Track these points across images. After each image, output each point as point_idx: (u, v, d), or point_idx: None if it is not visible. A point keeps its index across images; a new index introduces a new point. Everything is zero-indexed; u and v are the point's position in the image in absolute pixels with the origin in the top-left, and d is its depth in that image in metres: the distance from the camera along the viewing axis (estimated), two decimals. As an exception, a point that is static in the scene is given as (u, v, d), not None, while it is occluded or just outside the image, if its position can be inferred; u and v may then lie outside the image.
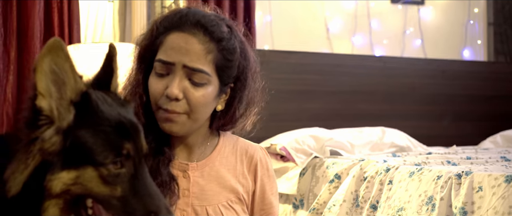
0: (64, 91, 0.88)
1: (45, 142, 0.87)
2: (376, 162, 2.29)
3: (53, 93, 0.88)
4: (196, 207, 1.30)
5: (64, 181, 0.88)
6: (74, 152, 0.88)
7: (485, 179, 1.74)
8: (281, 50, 3.48)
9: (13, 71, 2.71)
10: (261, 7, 3.53)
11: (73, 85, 0.89)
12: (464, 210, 1.74)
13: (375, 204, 2.15)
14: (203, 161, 1.33)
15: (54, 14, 2.81)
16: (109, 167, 0.89)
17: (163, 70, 1.23)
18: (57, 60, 0.86)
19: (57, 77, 0.88)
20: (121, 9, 3.23)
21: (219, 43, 1.24)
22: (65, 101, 0.89)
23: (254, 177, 1.37)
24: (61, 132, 0.88)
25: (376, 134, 3.10)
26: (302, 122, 3.24)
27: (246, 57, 1.31)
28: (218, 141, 1.37)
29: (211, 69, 1.23)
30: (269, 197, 1.39)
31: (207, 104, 1.25)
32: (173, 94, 1.20)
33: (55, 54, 0.86)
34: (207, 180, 1.32)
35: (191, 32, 1.22)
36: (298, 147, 2.71)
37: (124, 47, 2.61)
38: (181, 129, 1.25)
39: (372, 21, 3.92)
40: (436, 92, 3.87)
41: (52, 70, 0.87)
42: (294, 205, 2.63)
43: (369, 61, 3.75)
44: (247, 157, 1.38)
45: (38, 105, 0.87)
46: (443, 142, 3.56)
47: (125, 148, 0.91)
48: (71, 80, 0.88)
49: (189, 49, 1.21)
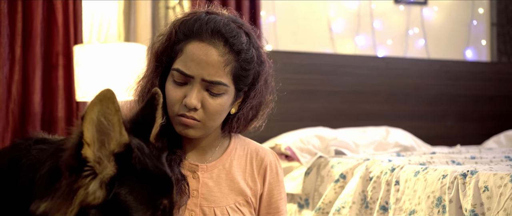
0: (108, 142, 0.87)
1: (89, 195, 0.86)
2: (381, 161, 2.29)
3: (97, 142, 0.87)
4: (204, 208, 1.31)
5: None
6: (116, 207, 0.87)
7: (490, 178, 1.75)
8: (284, 50, 3.49)
9: (18, 71, 2.72)
10: (265, 7, 3.55)
11: (118, 138, 0.87)
12: (474, 212, 1.75)
13: (384, 205, 2.15)
14: (213, 163, 1.35)
15: (58, 14, 2.82)
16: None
17: (181, 79, 1.24)
18: (106, 112, 0.85)
19: (104, 128, 0.86)
20: (126, 9, 3.24)
21: (238, 55, 1.25)
22: (107, 151, 0.87)
23: (263, 180, 1.39)
24: (104, 185, 0.86)
25: (380, 133, 3.11)
26: (305, 122, 3.25)
27: (262, 62, 1.33)
28: (229, 144, 1.39)
29: (228, 79, 1.25)
30: (277, 202, 1.40)
31: (223, 112, 1.28)
32: (192, 104, 1.22)
33: (105, 106, 0.85)
34: (216, 181, 1.34)
35: (211, 41, 1.23)
36: (303, 146, 2.72)
37: (129, 47, 2.62)
38: (196, 134, 1.27)
39: (375, 22, 3.93)
40: (439, 92, 3.88)
41: (100, 121, 0.86)
42: (299, 204, 2.63)
43: (372, 61, 3.76)
44: (257, 160, 1.39)
45: (84, 155, 0.86)
46: (447, 142, 3.57)
47: (163, 204, 0.91)
48: (117, 134, 0.87)
49: (208, 62, 1.22)
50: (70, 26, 2.84)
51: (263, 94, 1.37)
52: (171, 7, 3.32)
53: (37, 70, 2.74)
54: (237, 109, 1.34)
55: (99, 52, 2.53)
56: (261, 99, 1.36)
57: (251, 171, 1.38)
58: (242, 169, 1.38)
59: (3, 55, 2.67)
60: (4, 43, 2.67)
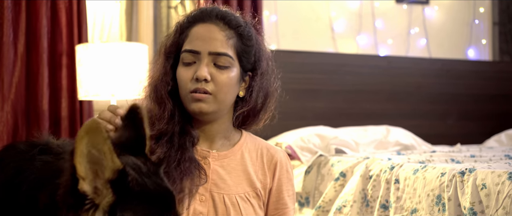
0: (101, 171, 0.86)
1: None
2: (381, 160, 2.30)
3: (91, 174, 0.86)
4: (214, 194, 1.35)
5: None
6: None
7: (488, 176, 1.76)
8: (286, 49, 3.50)
9: (22, 70, 2.74)
10: (267, 7, 3.56)
11: (111, 166, 0.86)
12: (473, 211, 1.76)
13: (385, 203, 2.16)
14: (224, 152, 1.40)
15: (62, 14, 2.84)
16: None
17: (190, 59, 1.35)
18: (95, 142, 0.85)
19: (95, 159, 0.86)
20: (128, 8, 3.26)
21: (237, 29, 1.37)
22: (102, 180, 0.86)
23: (273, 175, 1.43)
24: (106, 214, 0.86)
25: (381, 132, 3.12)
26: (307, 120, 3.26)
27: (261, 49, 1.44)
28: (240, 138, 1.44)
29: (233, 53, 1.36)
30: (285, 198, 1.43)
31: (231, 86, 1.36)
32: (202, 75, 1.31)
33: (93, 137, 0.84)
34: (227, 170, 1.38)
35: (212, 21, 1.36)
36: (304, 145, 2.73)
37: (131, 47, 2.64)
38: (209, 108, 1.34)
39: (377, 21, 3.94)
40: (440, 91, 3.88)
41: (91, 153, 0.85)
42: (299, 203, 2.65)
43: (373, 60, 3.77)
44: (268, 156, 1.44)
45: (82, 190, 0.85)
46: (448, 141, 3.57)
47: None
48: (109, 162, 0.86)
49: (212, 37, 1.34)
50: (74, 26, 2.85)
51: (268, 81, 1.43)
52: (173, 7, 3.34)
53: (42, 70, 2.76)
54: (245, 93, 1.41)
55: (101, 52, 2.55)
56: (267, 87, 1.43)
57: (262, 165, 1.42)
58: (252, 162, 1.42)
59: (7, 54, 2.69)
60: (8, 42, 2.69)
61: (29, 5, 2.78)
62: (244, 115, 1.42)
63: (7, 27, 2.69)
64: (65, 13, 2.85)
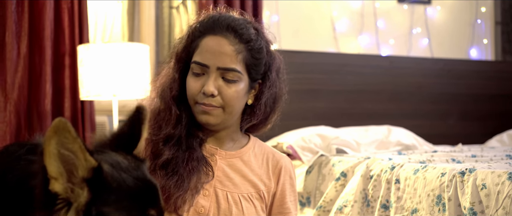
0: (75, 170, 0.85)
1: None
2: (382, 160, 2.31)
3: (64, 173, 0.85)
4: (218, 190, 1.38)
5: None
6: None
7: (488, 176, 1.76)
8: (287, 49, 3.50)
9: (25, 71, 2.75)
10: (268, 7, 3.56)
11: (84, 164, 0.85)
12: (473, 211, 1.76)
13: (385, 203, 2.16)
14: (232, 153, 1.43)
15: (64, 15, 2.85)
16: None
17: (199, 70, 1.37)
18: (64, 142, 0.84)
19: (67, 158, 0.85)
20: (130, 9, 3.27)
21: (248, 44, 1.38)
22: (77, 179, 0.85)
23: (277, 180, 1.45)
24: (80, 213, 0.85)
25: (382, 132, 3.12)
26: (308, 121, 3.26)
27: (272, 55, 1.45)
28: (247, 142, 1.47)
29: (241, 67, 1.37)
30: (288, 203, 1.45)
31: (239, 98, 1.38)
32: (209, 91, 1.34)
33: (62, 136, 0.83)
34: (232, 170, 1.41)
35: (223, 34, 1.37)
36: (305, 145, 2.73)
37: (132, 47, 2.64)
38: (216, 120, 1.37)
39: (379, 21, 3.94)
40: (442, 91, 3.88)
41: (61, 153, 0.84)
42: (301, 202, 2.65)
43: (375, 60, 3.77)
44: (273, 161, 1.47)
45: (53, 190, 0.84)
46: (450, 141, 3.57)
47: (150, 214, 0.90)
48: (82, 161, 0.85)
49: (221, 51, 1.36)
50: (75, 26, 2.86)
51: (277, 86, 1.45)
52: (174, 7, 3.34)
53: (45, 70, 2.77)
54: (253, 100, 1.43)
55: (103, 52, 2.56)
56: (276, 92, 1.45)
57: (267, 169, 1.45)
58: (258, 165, 1.45)
59: (10, 52, 2.70)
60: (11, 42, 2.71)
61: (32, 6, 2.80)
62: (252, 118, 1.45)
63: (10, 27, 2.70)
64: (68, 13, 2.86)
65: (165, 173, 1.34)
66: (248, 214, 1.38)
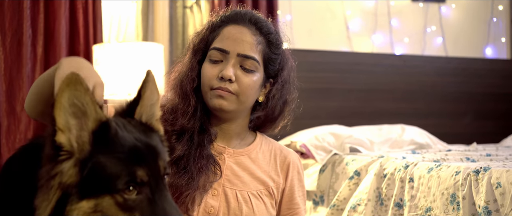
0: (85, 122, 0.88)
1: (64, 175, 0.87)
2: (395, 158, 2.30)
3: (73, 126, 0.88)
4: (227, 189, 1.38)
5: (84, 210, 0.87)
6: (92, 181, 0.87)
7: (503, 174, 1.75)
8: (300, 49, 3.51)
9: (40, 70, 2.79)
10: (281, 6, 3.57)
11: (95, 116, 0.89)
12: (487, 209, 1.75)
13: (399, 202, 2.16)
14: (239, 150, 1.44)
15: (79, 15, 2.89)
16: (125, 194, 0.88)
17: (218, 57, 1.39)
18: (77, 94, 0.87)
19: (78, 110, 0.88)
20: (144, 8, 3.29)
21: (267, 36, 1.42)
22: (86, 132, 0.89)
23: (286, 176, 1.46)
24: (78, 163, 0.88)
25: (396, 131, 3.11)
26: (321, 120, 3.26)
27: (287, 59, 1.48)
28: (255, 139, 1.48)
29: (260, 58, 1.40)
30: (297, 199, 1.46)
31: (254, 89, 1.40)
32: (228, 75, 1.35)
33: (73, 88, 0.86)
34: (241, 168, 1.42)
35: (245, 25, 1.41)
36: (318, 144, 2.73)
37: (146, 46, 2.67)
38: (229, 106, 1.37)
39: (393, 20, 3.92)
40: (457, 90, 3.85)
41: (73, 103, 0.87)
42: (314, 201, 2.65)
43: (388, 59, 3.75)
44: (281, 157, 1.48)
45: (58, 141, 0.87)
46: (464, 140, 3.54)
47: (138, 175, 0.90)
48: (93, 112, 0.88)
49: (243, 39, 1.39)
50: (89, 26, 2.90)
51: (288, 89, 1.47)
52: (188, 7, 3.36)
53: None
54: (264, 98, 1.44)
55: (117, 52, 2.59)
56: (286, 94, 1.46)
57: (275, 165, 1.46)
58: (266, 162, 1.45)
59: (26, 54, 2.74)
60: (27, 42, 2.75)
61: (48, 6, 2.83)
62: (261, 120, 1.47)
63: (26, 28, 2.74)
64: (83, 13, 2.90)
65: (177, 170, 1.34)
66: (259, 211, 1.39)
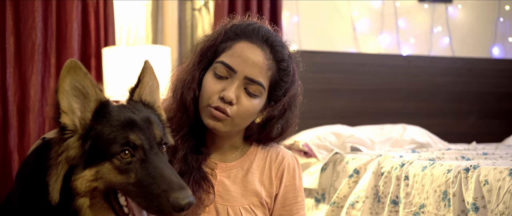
0: (87, 103, 1.01)
1: (69, 149, 0.98)
2: (393, 157, 2.36)
3: (76, 108, 1.00)
4: (218, 205, 1.37)
5: (87, 178, 0.99)
6: (93, 152, 0.99)
7: (491, 172, 1.81)
8: (306, 50, 3.57)
9: (53, 76, 2.88)
10: (288, 7, 3.63)
11: (95, 96, 1.01)
12: (475, 205, 1.81)
13: (395, 199, 2.22)
14: (232, 163, 1.41)
15: (91, 18, 2.96)
16: (120, 158, 1.00)
17: (223, 73, 1.32)
18: (77, 78, 0.99)
19: (79, 92, 1.00)
20: (154, 11, 3.36)
21: (280, 63, 1.34)
22: (88, 112, 1.01)
23: (280, 182, 1.43)
24: (80, 138, 1.00)
25: (397, 131, 3.15)
26: (327, 120, 3.32)
27: (295, 83, 1.41)
28: (250, 148, 1.44)
29: (266, 83, 1.33)
30: (290, 205, 1.43)
31: (253, 114, 1.35)
32: (229, 98, 1.29)
33: (74, 73, 0.98)
34: (233, 181, 1.39)
35: (260, 45, 1.33)
36: (320, 143, 2.80)
37: (155, 49, 2.76)
38: (224, 128, 1.32)
39: (399, 20, 3.96)
40: (462, 90, 3.88)
41: (74, 87, 0.99)
42: (316, 199, 2.72)
43: (393, 60, 3.79)
44: (276, 163, 1.44)
45: (62, 122, 0.99)
46: (470, 140, 3.56)
47: (131, 139, 1.01)
48: (93, 93, 1.01)
49: (254, 62, 1.31)
50: (101, 29, 2.97)
51: (290, 115, 1.40)
52: (197, 9, 3.44)
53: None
54: (261, 120, 1.39)
55: (126, 54, 2.68)
56: (287, 119, 1.40)
57: (269, 173, 1.42)
58: (260, 171, 1.42)
59: (38, 56, 2.83)
60: (39, 45, 2.83)
61: (59, 9, 2.91)
62: (257, 137, 1.42)
63: (38, 30, 2.81)
64: (94, 16, 2.97)
65: None
66: None
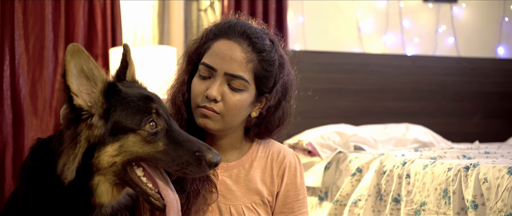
0: (94, 84, 1.07)
1: (93, 128, 1.05)
2: (395, 156, 2.39)
3: (84, 89, 1.06)
4: (221, 205, 1.39)
5: (110, 154, 1.06)
6: (114, 130, 1.06)
7: (490, 170, 1.83)
8: (311, 50, 3.60)
9: (60, 73, 2.91)
10: (293, 8, 3.66)
11: (101, 77, 1.08)
12: (475, 203, 1.84)
13: (396, 197, 2.25)
14: (233, 163, 1.43)
15: (97, 18, 3.01)
16: (146, 128, 1.08)
17: (206, 73, 1.34)
18: (81, 61, 1.05)
19: (86, 74, 1.06)
20: (160, 11, 3.40)
21: (260, 54, 1.34)
22: (96, 93, 1.07)
23: (281, 181, 1.45)
24: (102, 117, 1.06)
25: (400, 130, 3.17)
26: (332, 119, 3.34)
27: (284, 70, 1.41)
28: (251, 146, 1.46)
29: (250, 77, 1.34)
30: (291, 203, 1.45)
31: (242, 109, 1.35)
32: (212, 95, 1.31)
33: (77, 57, 1.04)
34: (234, 181, 1.41)
35: (236, 40, 1.34)
36: (324, 142, 2.83)
37: (162, 50, 2.79)
38: (215, 126, 1.34)
39: (404, 20, 3.98)
40: (466, 89, 3.89)
41: (81, 69, 1.05)
42: (319, 197, 2.75)
43: (397, 59, 3.81)
44: (278, 162, 1.46)
45: (77, 104, 1.05)
46: (473, 139, 3.58)
47: (153, 107, 1.10)
48: (99, 74, 1.07)
49: (232, 57, 1.32)
50: (108, 29, 3.01)
51: (287, 103, 1.42)
52: (203, 10, 3.47)
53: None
54: (258, 114, 1.40)
55: (133, 55, 2.71)
56: (284, 108, 1.41)
57: (270, 172, 1.44)
58: (261, 170, 1.43)
59: (47, 57, 2.88)
60: (48, 46, 2.89)
61: (68, 10, 2.96)
62: (256, 132, 1.44)
63: (48, 31, 2.87)
64: (101, 17, 3.01)
65: (178, 189, 1.30)
66: None
